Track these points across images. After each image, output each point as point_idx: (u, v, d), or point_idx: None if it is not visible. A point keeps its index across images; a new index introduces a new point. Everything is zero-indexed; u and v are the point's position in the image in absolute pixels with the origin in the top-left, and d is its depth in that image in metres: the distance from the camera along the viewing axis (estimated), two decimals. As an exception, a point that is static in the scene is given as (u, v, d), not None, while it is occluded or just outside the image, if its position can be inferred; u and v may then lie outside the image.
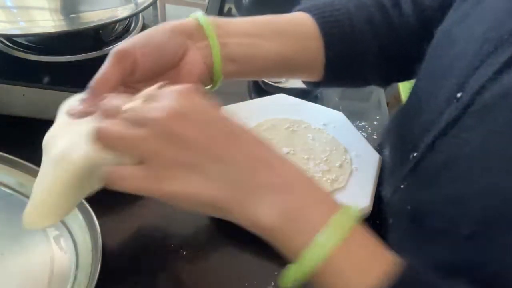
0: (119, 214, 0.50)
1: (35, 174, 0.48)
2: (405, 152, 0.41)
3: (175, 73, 0.40)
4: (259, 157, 0.31)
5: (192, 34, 0.41)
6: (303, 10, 0.49)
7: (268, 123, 0.58)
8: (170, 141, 0.29)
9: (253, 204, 0.30)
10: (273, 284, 0.46)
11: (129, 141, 0.30)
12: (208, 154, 0.29)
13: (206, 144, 0.29)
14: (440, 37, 0.41)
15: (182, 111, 0.29)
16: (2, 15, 0.56)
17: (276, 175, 0.30)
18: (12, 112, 0.57)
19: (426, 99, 0.40)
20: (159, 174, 0.30)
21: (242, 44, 0.43)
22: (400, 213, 0.42)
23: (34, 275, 0.42)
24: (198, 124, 0.29)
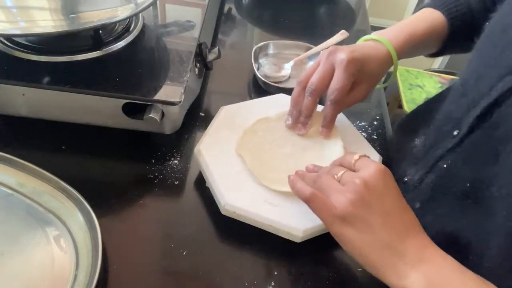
0: (119, 214, 0.50)
1: (35, 174, 0.49)
2: (445, 132, 0.46)
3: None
4: (413, 234, 0.39)
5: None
6: (433, 7, 0.60)
7: (268, 123, 0.58)
8: (362, 202, 0.38)
9: (403, 275, 0.37)
10: (273, 284, 0.46)
11: (330, 189, 0.41)
12: (383, 223, 0.38)
13: (384, 215, 0.38)
14: (492, 25, 0.47)
15: (372, 183, 0.39)
16: (2, 15, 0.56)
17: (422, 251, 0.38)
18: (12, 112, 0.57)
19: (474, 80, 0.45)
20: (344, 219, 0.39)
21: (405, 46, 0.57)
22: (439, 192, 0.44)
23: (34, 275, 0.42)
24: (382, 199, 0.39)
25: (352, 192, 0.38)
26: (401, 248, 0.37)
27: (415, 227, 0.39)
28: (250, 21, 0.93)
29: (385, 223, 0.38)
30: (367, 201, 0.38)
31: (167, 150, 0.58)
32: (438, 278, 0.36)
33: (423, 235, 0.39)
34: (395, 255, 0.37)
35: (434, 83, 1.65)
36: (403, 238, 0.38)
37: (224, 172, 0.51)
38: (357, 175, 0.40)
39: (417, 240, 0.38)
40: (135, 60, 0.59)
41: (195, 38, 0.64)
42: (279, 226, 0.46)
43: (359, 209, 0.38)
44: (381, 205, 0.38)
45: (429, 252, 0.38)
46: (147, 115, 0.53)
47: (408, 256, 0.37)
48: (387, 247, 0.38)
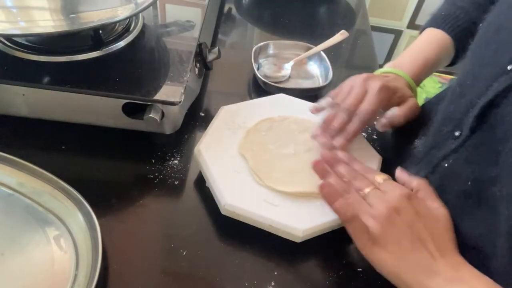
0: (119, 214, 0.50)
1: (35, 174, 0.49)
2: (446, 133, 0.47)
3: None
4: (446, 255, 0.40)
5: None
6: (434, 26, 0.62)
7: (268, 123, 0.58)
8: (393, 226, 0.41)
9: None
10: (273, 284, 0.46)
11: (354, 210, 0.43)
12: (414, 245, 0.40)
13: (413, 238, 0.40)
14: (486, 26, 0.48)
15: (401, 206, 0.41)
16: (2, 15, 0.56)
17: (455, 271, 0.39)
18: (12, 112, 0.57)
19: (471, 81, 0.46)
20: (375, 241, 0.41)
21: (420, 74, 0.60)
22: (442, 192, 0.45)
23: (34, 275, 0.42)
24: (412, 222, 0.41)
25: (383, 216, 0.41)
26: (435, 268, 0.38)
27: (448, 246, 0.40)
28: (250, 21, 0.93)
29: (416, 244, 0.40)
30: (398, 225, 0.40)
31: (167, 150, 0.58)
32: None
33: (457, 254, 0.40)
34: (428, 275, 0.38)
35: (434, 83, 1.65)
36: (436, 258, 0.39)
37: (224, 172, 0.51)
38: (386, 198, 0.43)
39: (450, 259, 0.39)
40: (135, 60, 0.59)
41: (195, 38, 0.64)
42: (279, 226, 0.46)
43: (390, 232, 0.40)
44: (412, 228, 0.40)
45: (463, 272, 0.38)
46: (147, 115, 0.53)
47: (442, 276, 0.38)
48: (419, 267, 0.39)
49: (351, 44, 0.89)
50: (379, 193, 0.44)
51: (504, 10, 0.46)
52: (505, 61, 0.40)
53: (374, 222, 0.41)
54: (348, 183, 0.46)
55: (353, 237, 0.43)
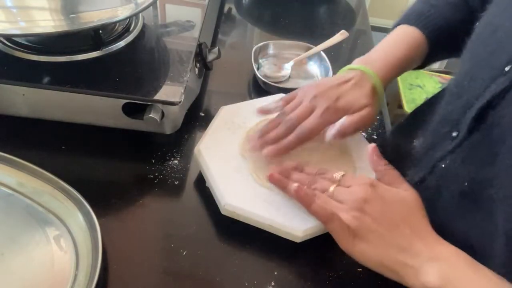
0: (119, 214, 0.50)
1: (35, 174, 0.49)
2: (444, 134, 0.47)
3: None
4: (422, 235, 0.41)
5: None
6: (407, 23, 0.59)
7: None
8: (366, 216, 0.42)
9: (421, 274, 0.39)
10: (273, 284, 0.46)
11: (331, 209, 0.43)
12: (390, 230, 0.41)
13: (387, 224, 0.41)
14: (482, 26, 0.47)
15: (368, 196, 0.42)
16: (2, 15, 0.56)
17: (434, 249, 0.40)
18: (12, 112, 0.57)
19: (468, 81, 0.45)
20: (355, 235, 0.42)
21: (391, 74, 0.57)
22: (439, 192, 0.45)
23: (34, 275, 0.42)
24: (383, 209, 0.42)
25: (354, 209, 0.42)
26: (414, 250, 0.40)
27: (422, 226, 0.42)
28: (250, 21, 0.93)
29: (392, 230, 0.41)
30: (370, 214, 0.42)
31: (167, 150, 0.58)
32: (453, 273, 0.38)
33: (432, 233, 0.41)
34: (409, 257, 0.40)
35: (434, 83, 1.65)
36: (413, 240, 0.40)
37: (224, 172, 0.51)
38: (351, 191, 0.44)
39: (427, 238, 0.41)
40: (135, 60, 0.59)
41: (195, 38, 0.64)
42: (279, 226, 0.46)
43: (365, 222, 0.41)
44: (384, 214, 0.42)
45: (441, 249, 0.40)
46: (147, 115, 0.53)
47: (422, 256, 0.39)
48: (400, 251, 0.40)
49: (351, 44, 0.90)
50: (343, 189, 0.45)
51: (500, 11, 0.45)
52: (503, 62, 0.40)
53: (348, 215, 0.42)
54: (309, 187, 0.47)
55: (336, 237, 0.43)
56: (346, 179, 0.46)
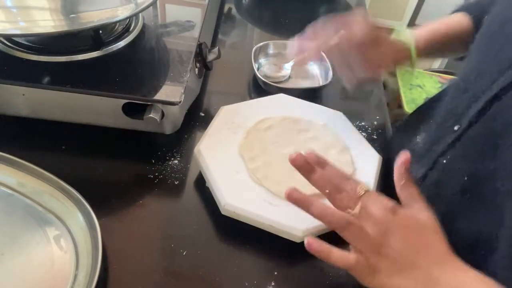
0: (119, 214, 0.50)
1: (35, 174, 0.49)
2: (446, 128, 0.47)
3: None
4: (441, 262, 0.39)
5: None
6: (461, 11, 0.61)
7: (268, 123, 0.58)
8: (385, 249, 0.39)
9: None
10: (273, 284, 0.46)
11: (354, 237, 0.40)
12: (410, 262, 0.38)
13: (408, 253, 0.39)
14: (491, 19, 0.48)
15: (390, 227, 0.39)
16: (2, 15, 0.56)
17: (454, 277, 0.38)
18: (12, 112, 0.57)
19: (475, 76, 0.45)
20: (376, 270, 0.39)
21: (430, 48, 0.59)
22: (441, 188, 0.45)
23: (34, 275, 0.42)
24: (402, 239, 0.39)
25: (376, 245, 0.39)
26: (434, 278, 0.38)
27: (442, 251, 0.39)
28: (250, 21, 0.93)
29: (413, 259, 0.39)
30: (391, 247, 0.39)
31: (167, 150, 0.58)
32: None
33: (453, 257, 0.39)
34: (428, 286, 0.38)
35: (434, 83, 1.65)
36: (432, 269, 0.38)
37: (224, 172, 0.51)
38: (374, 221, 0.40)
39: (447, 266, 0.38)
40: (135, 60, 0.59)
41: (195, 38, 0.64)
42: (279, 226, 0.46)
43: (387, 257, 0.39)
44: (405, 245, 0.39)
45: (462, 276, 0.38)
46: (147, 115, 0.53)
47: (442, 284, 0.37)
48: (419, 281, 0.38)
49: (351, 44, 0.89)
50: (365, 214, 0.41)
51: (510, 4, 0.45)
52: (511, 56, 0.40)
53: (369, 253, 0.39)
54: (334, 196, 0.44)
55: (355, 245, 0.40)
56: (367, 199, 0.42)
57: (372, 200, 0.42)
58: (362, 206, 0.41)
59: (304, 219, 0.47)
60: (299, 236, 0.46)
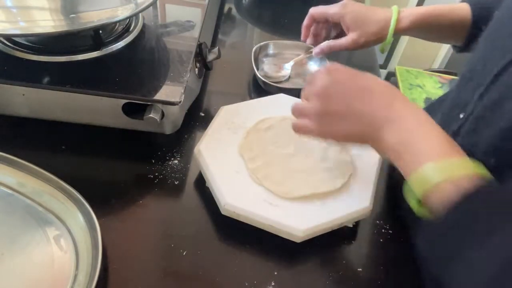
0: (119, 214, 0.50)
1: (35, 174, 0.49)
2: (452, 117, 0.48)
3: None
4: (390, 109, 0.41)
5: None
6: (467, 1, 0.64)
7: (268, 122, 0.58)
8: (322, 109, 0.44)
9: (380, 136, 0.41)
10: (273, 284, 0.46)
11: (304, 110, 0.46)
12: (350, 112, 0.42)
13: (346, 108, 0.43)
14: (501, 11, 0.48)
15: (328, 90, 0.44)
16: (2, 15, 0.56)
17: (395, 112, 0.41)
18: (12, 112, 0.57)
19: (482, 66, 0.46)
20: (320, 125, 0.44)
21: (418, 24, 0.63)
22: None
23: (34, 275, 0.42)
24: (339, 96, 0.43)
25: (315, 99, 0.44)
26: (370, 117, 0.41)
27: (373, 93, 0.42)
28: (250, 21, 0.93)
29: (349, 106, 0.42)
30: (328, 97, 0.43)
31: (167, 150, 0.58)
32: (406, 134, 0.39)
33: (397, 96, 0.42)
34: (368, 125, 0.41)
35: (434, 83, 1.65)
36: (370, 109, 0.41)
37: (224, 172, 0.51)
38: (312, 88, 0.45)
39: (382, 102, 0.42)
40: (135, 60, 0.59)
41: (195, 38, 0.64)
42: (279, 226, 0.46)
43: (326, 106, 0.43)
44: (340, 96, 0.43)
45: (395, 110, 0.41)
46: (147, 115, 0.53)
47: (378, 121, 0.41)
48: (360, 122, 0.42)
49: (351, 44, 0.89)
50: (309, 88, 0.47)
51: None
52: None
53: (311, 106, 0.44)
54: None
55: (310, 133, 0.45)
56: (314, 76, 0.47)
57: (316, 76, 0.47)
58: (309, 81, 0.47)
59: (304, 219, 0.47)
60: (299, 236, 0.46)
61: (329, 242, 0.50)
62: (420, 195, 0.36)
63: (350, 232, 0.52)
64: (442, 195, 0.34)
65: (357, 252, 0.50)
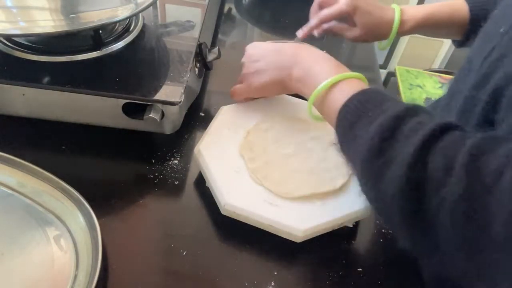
0: (119, 214, 0.50)
1: (35, 174, 0.49)
2: (450, 109, 0.49)
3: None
4: (296, 56, 0.52)
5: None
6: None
7: (268, 122, 0.58)
8: (249, 70, 0.57)
9: (291, 73, 0.52)
10: (273, 284, 0.46)
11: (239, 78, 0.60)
12: (268, 65, 0.55)
13: (265, 63, 0.55)
14: (495, 13, 0.50)
15: (252, 56, 0.58)
16: (2, 15, 0.56)
17: (299, 56, 0.52)
18: (12, 112, 0.57)
19: (475, 58, 0.48)
20: (248, 82, 0.58)
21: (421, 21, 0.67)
22: None
23: (34, 275, 0.42)
24: (259, 57, 0.56)
25: (244, 66, 0.58)
26: (283, 63, 0.52)
27: (284, 49, 0.53)
28: (250, 21, 0.93)
29: (266, 61, 0.55)
30: (252, 60, 0.57)
31: (167, 150, 0.58)
32: (307, 65, 0.50)
33: (296, 48, 0.52)
34: (281, 69, 0.52)
35: (434, 83, 1.65)
36: (282, 59, 0.53)
37: (224, 172, 0.51)
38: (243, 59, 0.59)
39: (290, 51, 0.52)
40: (135, 60, 0.59)
41: (195, 38, 0.64)
42: (279, 226, 0.46)
43: (250, 67, 0.57)
44: (260, 57, 0.56)
45: (299, 55, 0.51)
46: (147, 115, 0.53)
47: (288, 64, 0.51)
48: (276, 69, 0.53)
49: (351, 44, 0.89)
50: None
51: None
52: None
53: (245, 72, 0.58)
54: None
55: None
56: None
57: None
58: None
59: (304, 219, 0.47)
60: (299, 236, 0.46)
61: (329, 242, 0.50)
62: (316, 105, 0.48)
63: (350, 232, 0.52)
64: (333, 99, 0.45)
65: (357, 252, 0.50)
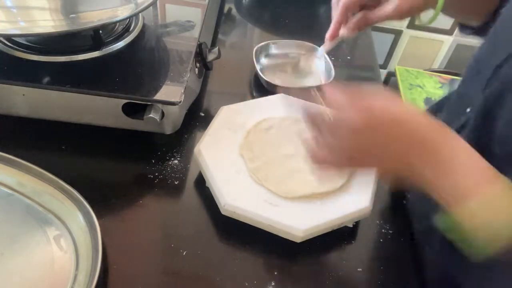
0: (119, 214, 0.50)
1: (35, 174, 0.49)
2: (459, 111, 0.47)
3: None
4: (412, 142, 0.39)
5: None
6: None
7: (268, 122, 0.58)
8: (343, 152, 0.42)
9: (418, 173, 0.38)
10: (273, 284, 0.46)
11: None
12: (375, 157, 0.41)
13: (375, 154, 0.40)
14: (508, 9, 0.47)
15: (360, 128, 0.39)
16: (2, 15, 0.56)
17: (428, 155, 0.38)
18: (12, 112, 0.57)
19: (488, 56, 0.45)
20: (342, 163, 0.43)
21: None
22: None
23: (34, 275, 0.42)
24: (366, 145, 0.40)
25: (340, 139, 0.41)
26: (409, 158, 0.38)
27: (409, 131, 0.39)
28: (250, 21, 0.93)
29: (385, 151, 0.39)
30: (364, 141, 0.39)
31: (167, 150, 0.58)
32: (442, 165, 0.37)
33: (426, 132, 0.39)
34: (405, 165, 0.39)
35: (434, 83, 1.65)
36: (406, 150, 0.38)
37: (224, 172, 0.51)
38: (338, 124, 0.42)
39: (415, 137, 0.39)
40: (135, 60, 0.59)
41: (195, 38, 0.64)
42: (279, 226, 0.46)
43: (346, 150, 0.41)
44: (375, 141, 0.39)
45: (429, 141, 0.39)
46: (147, 115, 0.53)
47: (416, 163, 0.38)
48: (392, 161, 0.40)
49: (351, 44, 0.89)
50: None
51: None
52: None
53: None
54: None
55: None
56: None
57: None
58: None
59: (304, 219, 0.47)
60: (299, 236, 0.46)
61: (329, 242, 0.50)
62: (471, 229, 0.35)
63: (350, 232, 0.52)
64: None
65: (357, 252, 0.50)
